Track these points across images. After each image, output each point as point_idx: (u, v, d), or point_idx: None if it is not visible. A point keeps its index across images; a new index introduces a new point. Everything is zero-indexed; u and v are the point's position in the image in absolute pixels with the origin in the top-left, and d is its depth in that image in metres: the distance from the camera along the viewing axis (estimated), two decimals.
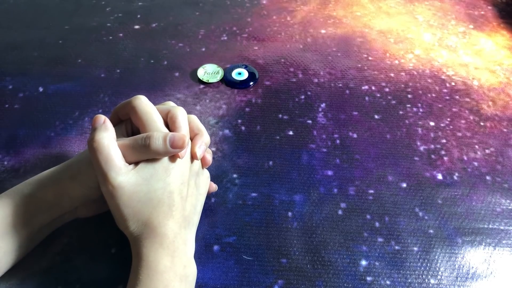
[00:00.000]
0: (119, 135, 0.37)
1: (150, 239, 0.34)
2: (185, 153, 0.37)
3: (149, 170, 0.35)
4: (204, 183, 0.41)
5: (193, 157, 0.38)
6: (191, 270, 0.35)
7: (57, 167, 0.38)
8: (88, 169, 0.36)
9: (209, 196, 0.45)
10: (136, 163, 0.35)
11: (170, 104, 0.41)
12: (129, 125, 0.40)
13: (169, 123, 0.38)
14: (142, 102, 0.38)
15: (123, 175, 0.34)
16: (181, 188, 0.36)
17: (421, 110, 0.55)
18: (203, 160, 0.40)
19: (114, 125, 0.38)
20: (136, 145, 0.35)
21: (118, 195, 0.34)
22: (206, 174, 0.41)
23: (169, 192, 0.35)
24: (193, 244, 0.38)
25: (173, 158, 0.36)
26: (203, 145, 0.39)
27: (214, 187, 0.44)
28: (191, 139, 0.39)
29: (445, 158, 0.50)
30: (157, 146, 0.35)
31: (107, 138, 0.35)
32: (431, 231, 0.43)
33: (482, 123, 0.54)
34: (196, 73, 0.58)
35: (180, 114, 0.38)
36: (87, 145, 0.35)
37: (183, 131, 0.38)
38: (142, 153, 0.35)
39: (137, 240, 0.34)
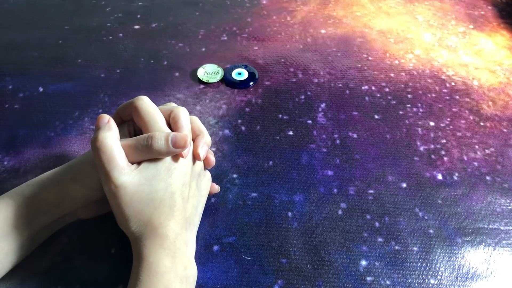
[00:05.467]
0: (121, 135, 0.37)
1: (151, 240, 0.34)
2: (188, 153, 0.37)
3: (152, 171, 0.35)
4: (206, 185, 0.41)
5: (195, 158, 0.38)
6: (192, 271, 0.35)
7: (59, 169, 0.38)
8: (89, 170, 0.36)
9: (209, 196, 0.45)
10: (139, 163, 0.36)
11: (172, 105, 0.41)
12: (131, 126, 0.40)
13: (171, 123, 0.38)
14: (145, 103, 0.38)
15: (126, 175, 0.34)
16: (183, 189, 0.36)
17: (421, 110, 0.55)
18: (206, 161, 0.40)
19: (117, 125, 0.38)
20: (139, 145, 0.35)
21: (121, 195, 0.34)
22: (207, 176, 0.41)
23: (171, 192, 0.35)
24: (194, 245, 0.38)
25: (175, 158, 0.36)
26: (205, 146, 0.39)
27: (216, 188, 0.44)
28: (193, 140, 0.39)
29: (445, 158, 0.50)
30: (160, 146, 0.35)
31: (111, 138, 0.35)
32: (431, 231, 0.43)
33: (482, 123, 0.54)
34: (196, 73, 0.58)
35: (183, 114, 0.38)
36: (91, 144, 0.35)
37: (185, 131, 0.38)
38: (145, 153, 0.35)
39: (138, 240, 0.34)
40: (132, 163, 0.35)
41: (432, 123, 0.54)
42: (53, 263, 0.39)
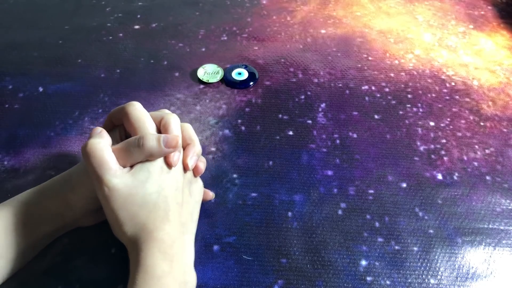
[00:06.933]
0: (112, 141, 0.37)
1: (147, 243, 0.33)
2: (178, 161, 0.37)
3: (144, 173, 0.35)
4: (198, 191, 0.40)
5: (184, 168, 0.38)
6: (191, 278, 0.35)
7: (59, 178, 0.38)
8: (87, 180, 0.36)
9: None
10: (131, 167, 0.35)
11: (165, 111, 0.41)
12: (122, 131, 0.40)
13: (162, 130, 0.38)
14: (136, 109, 0.38)
15: (118, 177, 0.34)
16: (176, 194, 0.36)
17: (421, 110, 0.55)
18: (195, 169, 0.40)
19: (109, 129, 0.38)
20: (130, 147, 0.35)
21: (114, 197, 0.34)
22: (199, 182, 0.41)
23: (164, 196, 0.35)
24: (193, 251, 0.37)
25: (166, 164, 0.36)
26: (195, 155, 0.39)
27: (211, 195, 0.44)
28: (183, 148, 0.39)
29: (445, 158, 0.50)
30: (151, 146, 0.35)
31: (101, 143, 0.35)
32: (431, 231, 0.43)
33: (482, 123, 0.54)
34: (196, 73, 0.58)
35: (173, 121, 0.38)
36: (81, 151, 0.35)
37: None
38: (137, 155, 0.35)
39: (135, 245, 0.34)
40: (124, 167, 0.35)
41: (432, 123, 0.54)
42: (53, 263, 0.39)
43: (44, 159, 0.48)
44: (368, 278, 0.40)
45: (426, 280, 0.40)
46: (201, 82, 0.57)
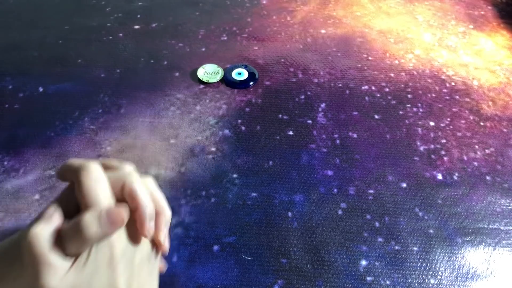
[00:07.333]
0: (69, 204, 0.30)
1: None
2: (151, 235, 0.31)
3: (90, 267, 0.28)
4: (157, 265, 0.34)
5: (157, 246, 0.32)
6: None
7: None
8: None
9: (209, 196, 0.45)
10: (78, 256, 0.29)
11: (125, 170, 0.31)
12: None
13: (128, 200, 0.30)
14: (89, 178, 0.29)
15: (57, 279, 0.27)
16: (130, 282, 0.29)
17: (421, 110, 0.55)
18: (162, 249, 0.33)
19: (63, 179, 0.31)
20: (71, 234, 0.28)
21: None
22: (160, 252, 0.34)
23: None
24: None
25: (119, 244, 0.29)
26: (166, 228, 0.32)
27: (162, 266, 0.37)
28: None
29: (445, 158, 0.50)
30: (93, 233, 0.28)
31: (45, 235, 0.27)
32: (431, 231, 0.43)
33: (482, 123, 0.54)
34: (196, 73, 0.58)
35: (139, 188, 0.30)
36: (20, 238, 0.28)
37: (149, 211, 0.30)
38: (82, 243, 0.28)
39: None
40: (72, 255, 0.28)
41: (432, 123, 0.54)
42: None
43: (44, 159, 0.48)
44: (368, 278, 0.40)
45: (426, 280, 0.40)
46: (201, 82, 0.57)
